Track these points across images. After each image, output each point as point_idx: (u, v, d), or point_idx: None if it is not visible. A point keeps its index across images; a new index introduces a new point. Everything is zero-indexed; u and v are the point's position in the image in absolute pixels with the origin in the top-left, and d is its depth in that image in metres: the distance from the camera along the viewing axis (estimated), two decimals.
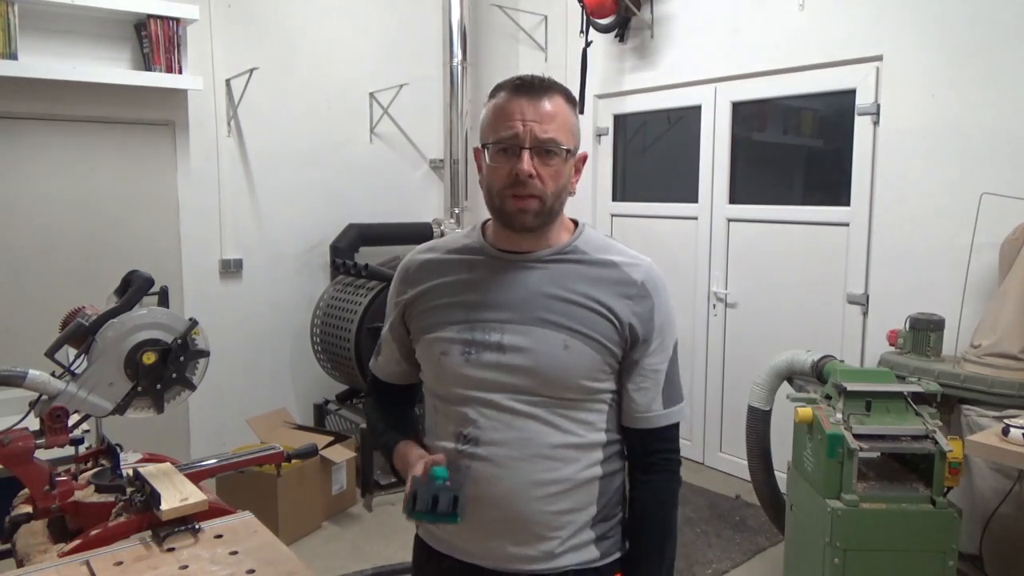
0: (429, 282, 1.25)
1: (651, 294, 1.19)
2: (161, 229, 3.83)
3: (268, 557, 1.39)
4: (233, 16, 3.96)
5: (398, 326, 1.30)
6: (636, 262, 1.21)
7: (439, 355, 1.20)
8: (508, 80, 1.16)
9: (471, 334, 1.18)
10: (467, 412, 1.17)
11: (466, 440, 1.17)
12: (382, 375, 1.38)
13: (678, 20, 3.91)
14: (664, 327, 1.20)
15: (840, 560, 2.22)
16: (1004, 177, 2.80)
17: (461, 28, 4.36)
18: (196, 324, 1.72)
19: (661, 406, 1.21)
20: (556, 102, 1.14)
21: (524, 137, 1.11)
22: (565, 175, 1.16)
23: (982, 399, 2.55)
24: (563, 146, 1.13)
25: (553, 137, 1.12)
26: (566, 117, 1.15)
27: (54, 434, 1.53)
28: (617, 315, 1.16)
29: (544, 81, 1.15)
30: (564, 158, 1.14)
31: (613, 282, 1.18)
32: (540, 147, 1.12)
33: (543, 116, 1.12)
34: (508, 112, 1.13)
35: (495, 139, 1.14)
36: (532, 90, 1.13)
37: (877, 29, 3.14)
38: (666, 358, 1.21)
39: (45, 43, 3.37)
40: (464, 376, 1.17)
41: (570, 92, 1.19)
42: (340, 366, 4.02)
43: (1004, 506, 2.52)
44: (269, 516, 3.07)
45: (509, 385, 1.16)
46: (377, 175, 4.58)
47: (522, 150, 1.11)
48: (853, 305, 3.35)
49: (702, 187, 3.93)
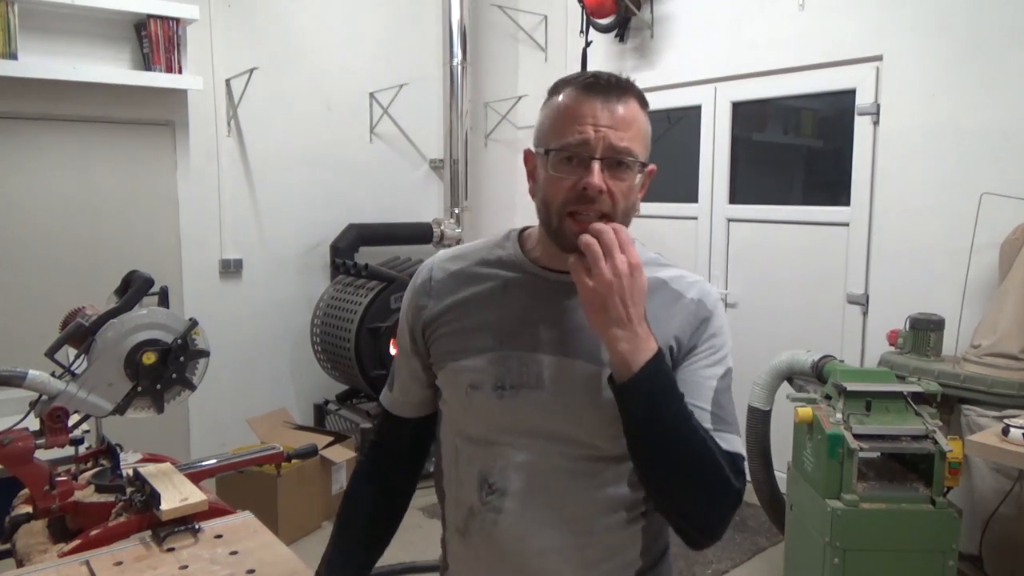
0: (455, 296, 1.06)
1: (707, 309, 1.02)
2: (161, 229, 3.83)
3: (268, 557, 1.39)
4: (233, 16, 3.96)
5: (418, 345, 1.10)
6: (689, 280, 1.05)
7: (467, 388, 1.02)
8: (576, 76, 0.99)
9: (505, 366, 1.00)
10: (495, 457, 1.01)
11: (491, 490, 1.01)
12: (396, 409, 1.17)
13: (678, 20, 3.91)
14: (716, 340, 1.01)
15: (840, 560, 2.22)
16: (1004, 177, 2.80)
17: (461, 28, 4.36)
18: (196, 324, 1.71)
19: (709, 423, 0.96)
20: (632, 107, 0.96)
21: (596, 145, 0.93)
22: (635, 191, 0.98)
23: (982, 399, 2.55)
24: (639, 158, 0.96)
25: (629, 147, 0.94)
26: (642, 125, 0.97)
27: (54, 434, 1.53)
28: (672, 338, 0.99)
29: (620, 80, 0.97)
30: (638, 171, 0.96)
31: (665, 303, 1.01)
32: (613, 158, 0.94)
33: (619, 121, 0.94)
34: (577, 114, 0.94)
35: (559, 145, 0.94)
36: (607, 90, 0.95)
37: (877, 29, 3.14)
38: (716, 374, 0.99)
39: (45, 43, 3.37)
40: (496, 416, 1.00)
41: (644, 95, 1.00)
42: (340, 366, 4.02)
43: (1004, 506, 2.52)
44: (269, 516, 3.07)
45: (547, 431, 0.98)
46: (377, 175, 4.58)
47: (592, 160, 0.93)
48: (853, 305, 3.35)
49: (702, 187, 3.93)
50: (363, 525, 1.18)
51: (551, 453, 0.98)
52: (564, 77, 1.01)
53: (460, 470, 1.06)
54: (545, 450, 0.98)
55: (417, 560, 2.82)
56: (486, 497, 1.01)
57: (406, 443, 1.18)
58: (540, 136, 0.99)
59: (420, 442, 1.19)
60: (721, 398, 0.99)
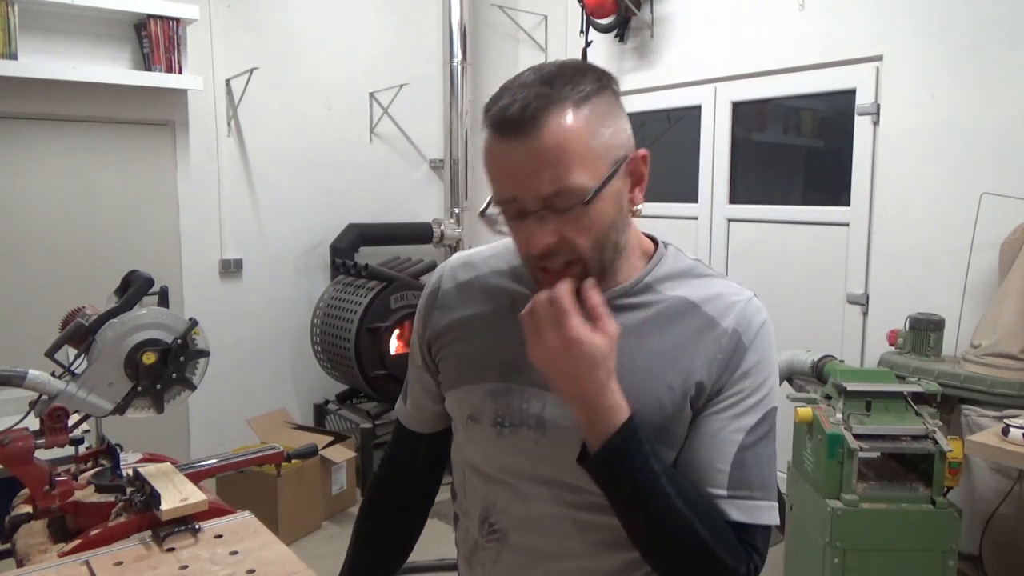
0: (461, 312, 0.97)
1: (743, 343, 0.87)
2: (161, 229, 3.83)
3: (268, 557, 1.39)
4: (233, 16, 3.96)
5: (427, 360, 1.03)
6: (729, 300, 0.89)
7: (467, 419, 0.95)
8: (493, 103, 0.81)
9: (506, 399, 0.91)
10: (496, 495, 0.94)
11: (491, 530, 0.95)
12: (410, 423, 1.10)
13: (678, 20, 3.91)
14: (750, 382, 0.86)
15: (840, 560, 2.22)
16: (1004, 177, 2.80)
17: (461, 28, 4.36)
18: (196, 324, 1.72)
19: (724, 487, 0.84)
20: (555, 130, 0.78)
21: (524, 199, 0.80)
22: (607, 213, 0.82)
23: (982, 399, 2.55)
24: (581, 188, 0.79)
25: (560, 188, 0.78)
26: (578, 143, 0.79)
27: (54, 434, 1.53)
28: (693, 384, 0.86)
29: (528, 108, 0.78)
30: (591, 199, 0.80)
31: (692, 334, 0.87)
32: (548, 207, 0.80)
33: (540, 163, 0.78)
34: (496, 164, 0.81)
35: (496, 200, 0.84)
36: (515, 129, 0.78)
37: (877, 29, 3.14)
38: (744, 426, 0.85)
39: (45, 43, 3.37)
40: (495, 454, 0.93)
41: (573, 92, 0.80)
42: (340, 366, 4.02)
43: (1004, 506, 2.52)
44: (269, 516, 3.07)
45: (547, 477, 0.90)
46: (377, 175, 4.58)
47: (528, 216, 0.81)
48: (853, 305, 3.35)
49: (702, 187, 3.93)
50: (379, 542, 1.13)
51: (552, 500, 0.90)
52: (489, 99, 0.83)
53: (467, 499, 1.00)
54: (545, 496, 0.90)
55: (417, 560, 2.82)
56: (487, 535, 0.96)
57: (421, 459, 1.12)
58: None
59: (436, 458, 1.12)
60: (747, 456, 0.85)
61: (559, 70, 0.82)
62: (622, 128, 0.84)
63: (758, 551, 0.84)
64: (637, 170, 0.86)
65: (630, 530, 0.85)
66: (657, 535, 0.83)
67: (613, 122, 0.83)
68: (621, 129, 0.84)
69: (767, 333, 0.89)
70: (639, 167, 0.86)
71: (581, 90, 0.80)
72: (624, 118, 0.85)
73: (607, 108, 0.82)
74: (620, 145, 0.83)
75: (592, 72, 0.84)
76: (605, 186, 0.81)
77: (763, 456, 0.86)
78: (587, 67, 0.84)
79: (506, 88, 0.82)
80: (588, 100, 0.80)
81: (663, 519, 0.81)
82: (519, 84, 0.81)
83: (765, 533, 0.86)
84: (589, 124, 0.80)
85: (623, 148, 0.83)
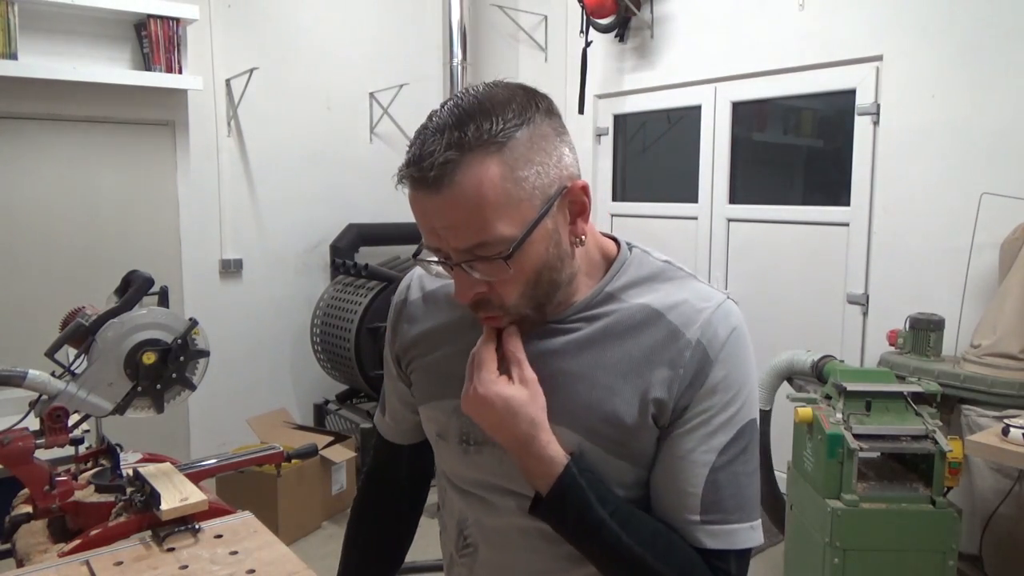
0: (428, 323, 0.95)
1: (708, 356, 0.81)
2: (161, 229, 3.83)
3: (268, 557, 1.39)
4: (233, 16, 3.96)
5: (400, 371, 1.01)
6: (696, 307, 0.83)
7: (436, 436, 0.95)
8: (404, 162, 0.76)
9: (469, 417, 0.87)
10: (469, 509, 0.93)
11: (465, 544, 0.94)
12: (390, 435, 1.08)
13: (678, 20, 3.91)
14: (718, 399, 0.81)
15: (840, 560, 2.21)
16: (1004, 177, 2.80)
17: (461, 28, 4.36)
18: (196, 324, 1.71)
19: (696, 512, 0.80)
20: (463, 188, 0.72)
21: (446, 251, 0.77)
22: (538, 256, 0.77)
23: (982, 399, 2.55)
24: (503, 238, 0.74)
25: (481, 241, 0.74)
26: (491, 195, 0.72)
27: (54, 434, 1.53)
28: (651, 400, 0.81)
29: (436, 165, 0.72)
30: (512, 251, 0.74)
31: (653, 346, 0.82)
32: (473, 258, 0.76)
33: (455, 218, 0.73)
34: (418, 214, 0.77)
35: (424, 244, 0.80)
36: (427, 184, 0.73)
37: (877, 29, 3.14)
38: (715, 447, 0.80)
39: (45, 43, 3.37)
40: (463, 470, 0.92)
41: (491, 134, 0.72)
42: (340, 366, 4.02)
43: (1004, 506, 2.52)
44: (269, 516, 3.07)
45: (514, 491, 0.87)
46: (377, 175, 4.58)
47: (453, 268, 0.78)
48: (853, 305, 3.35)
49: (702, 187, 3.93)
50: (368, 557, 1.13)
51: (520, 513, 0.86)
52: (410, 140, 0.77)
53: (445, 511, 1.00)
54: (513, 509, 0.87)
55: (417, 560, 2.82)
56: (462, 549, 0.95)
57: (404, 471, 1.10)
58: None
59: (419, 469, 1.11)
60: (720, 477, 0.80)
61: (478, 105, 0.74)
62: (553, 163, 0.76)
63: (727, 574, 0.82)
64: (577, 201, 0.79)
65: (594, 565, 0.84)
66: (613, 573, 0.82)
67: (542, 158, 0.75)
68: (551, 165, 0.76)
69: (737, 342, 0.82)
70: (579, 198, 0.79)
71: (500, 129, 0.73)
72: (559, 147, 0.78)
73: (533, 143, 0.75)
74: (551, 182, 0.76)
75: (518, 100, 0.76)
76: (532, 232, 0.75)
77: (740, 475, 0.81)
78: (513, 94, 0.76)
79: (421, 132, 0.76)
80: (509, 140, 0.73)
81: (615, 560, 0.80)
82: (434, 127, 0.74)
83: (742, 556, 0.83)
84: (510, 170, 0.73)
85: (555, 183, 0.77)
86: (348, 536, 1.15)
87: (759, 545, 0.84)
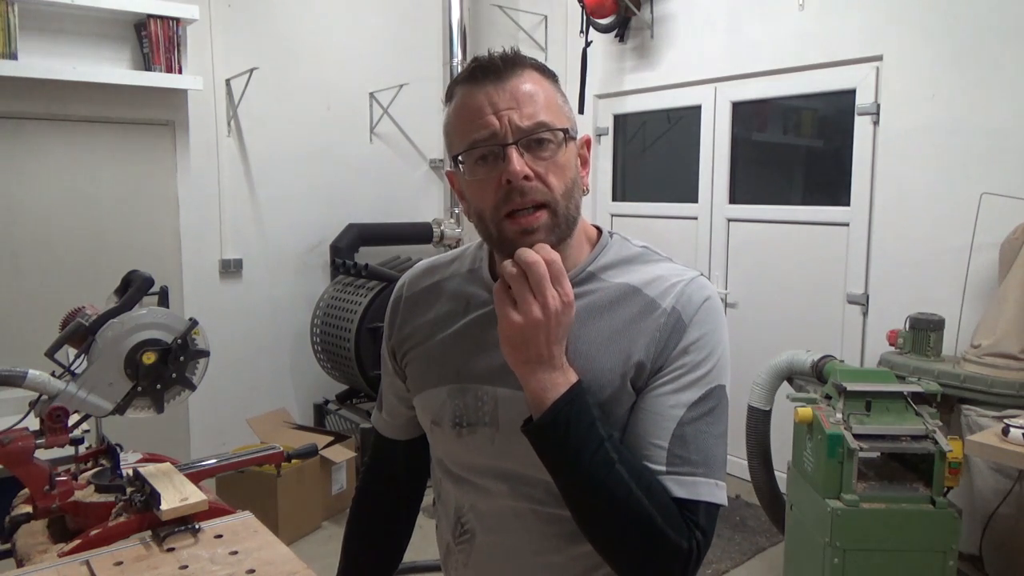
0: (423, 317, 1.00)
1: (682, 321, 0.86)
2: (161, 229, 3.83)
3: (268, 557, 1.39)
4: (233, 16, 3.96)
5: (396, 366, 1.05)
6: (670, 281, 0.89)
7: (430, 423, 0.97)
8: (463, 70, 0.88)
9: (463, 399, 0.92)
10: (465, 495, 0.96)
11: (463, 531, 0.97)
12: (387, 431, 1.12)
13: (678, 20, 3.91)
14: (690, 358, 0.85)
15: (840, 560, 2.22)
16: (1004, 177, 2.80)
17: (461, 28, 4.35)
18: (196, 324, 1.71)
19: (663, 463, 0.83)
20: (530, 77, 0.85)
21: (504, 132, 0.83)
22: (572, 166, 0.86)
23: (982, 399, 2.56)
24: (558, 127, 0.85)
25: (542, 120, 0.83)
26: (549, 93, 0.86)
27: (54, 434, 1.53)
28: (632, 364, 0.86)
29: (507, 56, 0.86)
30: (563, 144, 0.85)
31: (632, 316, 0.87)
32: (529, 139, 0.83)
33: (520, 99, 0.83)
34: (474, 107, 0.84)
35: (468, 145, 0.84)
36: (496, 70, 0.84)
37: (877, 29, 3.14)
38: (684, 401, 0.84)
39: (45, 43, 3.37)
40: (458, 454, 0.95)
41: (542, 64, 0.89)
42: (340, 366, 4.02)
43: (1004, 506, 2.52)
44: (269, 516, 3.07)
45: (507, 472, 0.90)
46: (377, 175, 4.58)
47: (506, 148, 0.82)
48: (853, 305, 3.35)
49: (702, 187, 3.93)
50: (368, 555, 1.16)
51: (512, 495, 0.90)
52: (454, 77, 0.90)
53: (441, 502, 1.02)
54: (506, 492, 0.91)
55: (417, 560, 2.82)
56: (459, 537, 0.97)
57: (402, 467, 1.13)
58: (449, 147, 0.89)
59: (416, 465, 1.13)
60: (687, 431, 0.83)
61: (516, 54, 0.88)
62: (570, 110, 0.91)
63: (701, 528, 0.82)
64: (584, 153, 0.91)
65: (570, 498, 0.83)
66: (598, 501, 0.81)
67: (565, 99, 0.90)
68: (571, 110, 0.91)
69: (710, 309, 0.88)
70: (585, 151, 0.92)
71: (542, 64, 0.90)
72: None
73: (559, 91, 0.90)
74: (573, 119, 0.90)
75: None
76: (572, 139, 0.87)
77: (707, 434, 0.84)
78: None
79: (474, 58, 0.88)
80: (551, 72, 0.90)
81: (605, 485, 0.79)
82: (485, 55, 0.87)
83: (710, 511, 0.84)
84: (555, 86, 0.89)
85: (575, 123, 0.90)
86: (348, 530, 1.18)
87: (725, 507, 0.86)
